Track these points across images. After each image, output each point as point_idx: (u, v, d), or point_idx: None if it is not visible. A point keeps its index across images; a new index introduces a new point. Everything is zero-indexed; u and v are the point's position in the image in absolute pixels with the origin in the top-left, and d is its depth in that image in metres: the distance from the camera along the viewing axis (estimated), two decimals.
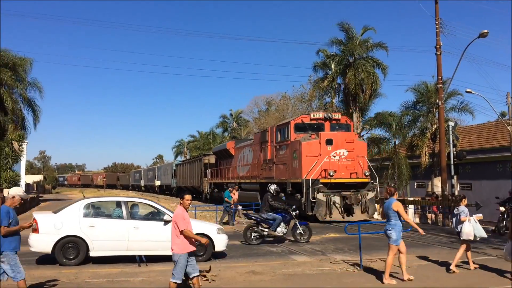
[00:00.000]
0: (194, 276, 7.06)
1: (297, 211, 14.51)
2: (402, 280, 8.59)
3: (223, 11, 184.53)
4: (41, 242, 10.15)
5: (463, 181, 29.86)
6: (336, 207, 18.21)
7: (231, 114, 65.04)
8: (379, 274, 9.14)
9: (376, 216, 22.79)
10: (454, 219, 9.97)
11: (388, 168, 31.99)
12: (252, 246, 13.34)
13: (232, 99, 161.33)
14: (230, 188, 21.03)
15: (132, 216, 10.77)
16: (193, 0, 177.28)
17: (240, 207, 21.23)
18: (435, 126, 28.80)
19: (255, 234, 13.62)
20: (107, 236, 10.31)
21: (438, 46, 21.76)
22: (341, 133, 19.70)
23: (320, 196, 18.07)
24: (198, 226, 10.48)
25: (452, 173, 20.89)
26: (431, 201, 23.47)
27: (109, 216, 10.92)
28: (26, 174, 60.91)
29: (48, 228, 10.16)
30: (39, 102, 38.25)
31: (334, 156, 18.79)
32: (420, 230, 8.95)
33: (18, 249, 7.05)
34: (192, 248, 7.08)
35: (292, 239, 14.02)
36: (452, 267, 9.42)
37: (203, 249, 10.36)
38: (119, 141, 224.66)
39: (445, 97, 26.71)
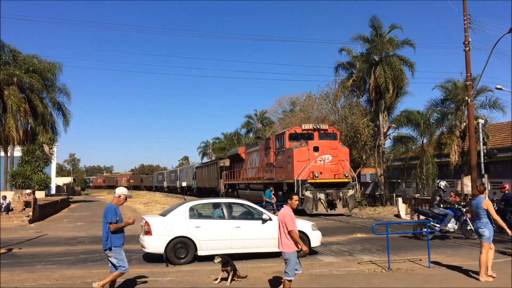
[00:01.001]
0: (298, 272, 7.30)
1: (467, 207, 15.02)
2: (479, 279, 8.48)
3: (247, 12, 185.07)
4: (155, 243, 10.55)
5: (494, 180, 29.06)
6: (321, 202, 21.79)
7: (255, 114, 65.08)
8: (408, 275, 9.02)
9: (404, 216, 22.45)
10: None
11: (416, 167, 31.38)
12: None
13: (257, 100, 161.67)
14: (270, 188, 21.68)
15: (232, 216, 11.25)
16: (217, 1, 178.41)
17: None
18: (464, 124, 28.16)
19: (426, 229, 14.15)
20: (213, 236, 10.76)
21: (467, 42, 21.23)
22: (326, 141, 23.17)
23: (307, 193, 21.60)
24: None
25: (483, 172, 20.39)
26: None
27: (211, 217, 11.44)
28: (56, 176, 62.49)
29: (160, 230, 10.58)
30: (67, 107, 39.34)
31: (320, 161, 22.50)
32: (509, 231, 8.50)
33: (123, 244, 7.53)
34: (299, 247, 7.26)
35: (462, 236, 14.22)
36: None
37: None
38: (146, 143, 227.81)
39: (474, 94, 26.08)
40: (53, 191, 54.45)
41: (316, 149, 22.51)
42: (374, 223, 15.22)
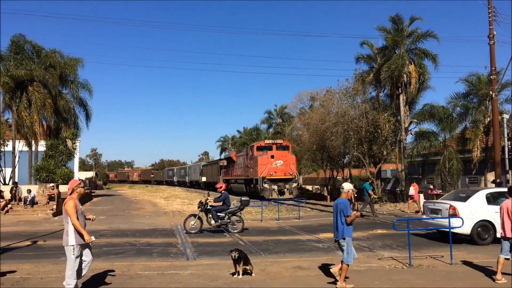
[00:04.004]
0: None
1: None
2: None
3: (269, 9, 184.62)
4: (463, 225, 11.54)
5: None
6: (275, 191, 32.11)
7: (275, 110, 64.93)
8: (429, 272, 8.93)
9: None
10: None
11: (440, 163, 30.83)
12: (298, 241, 13.32)
13: (277, 95, 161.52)
14: (369, 181, 21.82)
15: None
16: (239, 0, 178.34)
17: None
18: (488, 119, 27.60)
19: None
20: None
21: (491, 35, 20.78)
22: (279, 152, 34.16)
23: (266, 185, 32.17)
24: None
25: (507, 167, 20.03)
26: None
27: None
28: (79, 170, 63.61)
29: (466, 214, 11.99)
30: (89, 102, 39.87)
31: (275, 164, 33.12)
32: None
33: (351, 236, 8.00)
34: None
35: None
36: None
37: None
38: (168, 138, 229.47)
39: (499, 88, 25.52)
40: None
41: (272, 156, 33.33)
42: (394, 219, 15.12)
